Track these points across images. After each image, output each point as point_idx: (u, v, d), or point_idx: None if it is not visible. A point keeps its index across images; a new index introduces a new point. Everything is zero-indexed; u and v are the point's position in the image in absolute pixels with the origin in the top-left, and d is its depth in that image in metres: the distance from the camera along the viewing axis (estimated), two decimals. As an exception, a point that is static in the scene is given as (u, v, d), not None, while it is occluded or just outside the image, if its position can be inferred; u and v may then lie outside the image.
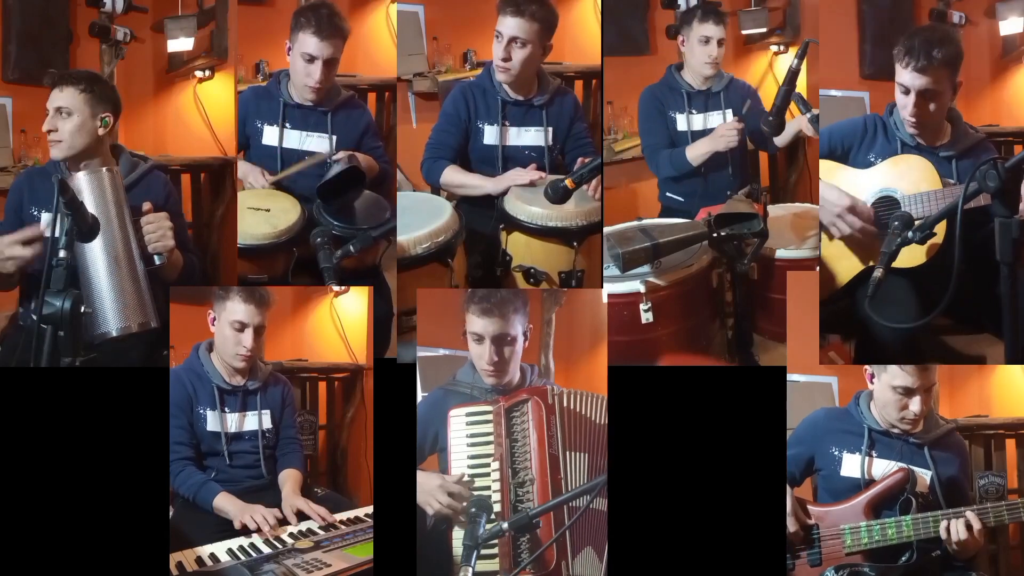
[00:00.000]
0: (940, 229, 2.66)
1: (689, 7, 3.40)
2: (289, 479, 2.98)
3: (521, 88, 3.26)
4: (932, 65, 2.76)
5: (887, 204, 2.85)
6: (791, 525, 2.72)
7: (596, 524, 2.70)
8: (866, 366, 2.78)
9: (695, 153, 3.28)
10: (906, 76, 2.80)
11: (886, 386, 2.73)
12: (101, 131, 2.84)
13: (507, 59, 3.17)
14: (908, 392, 2.70)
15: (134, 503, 2.80)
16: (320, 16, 3.11)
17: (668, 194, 3.35)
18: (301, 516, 2.86)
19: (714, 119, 3.34)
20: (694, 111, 3.34)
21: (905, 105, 2.84)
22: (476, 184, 3.23)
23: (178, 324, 2.86)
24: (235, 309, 2.90)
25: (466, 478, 2.67)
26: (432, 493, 2.66)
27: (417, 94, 3.72)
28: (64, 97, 2.80)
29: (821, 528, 2.73)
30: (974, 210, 2.49)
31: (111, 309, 2.68)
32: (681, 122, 3.34)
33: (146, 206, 2.79)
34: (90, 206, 2.63)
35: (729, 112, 3.34)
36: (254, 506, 2.80)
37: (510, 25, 3.14)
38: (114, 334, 2.67)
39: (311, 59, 3.12)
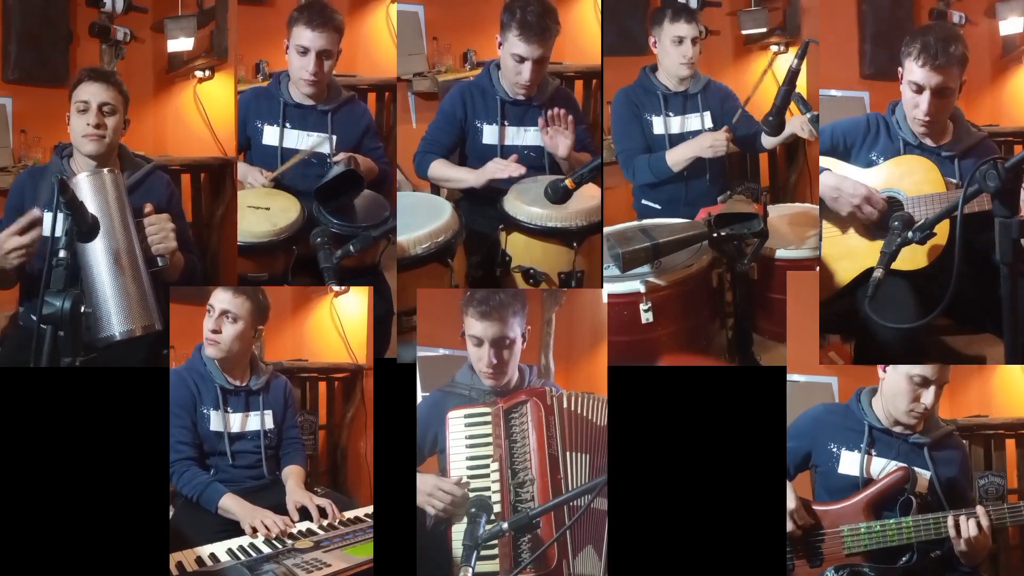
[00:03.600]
0: (943, 232, 2.65)
1: (661, 5, 3.36)
2: (292, 475, 2.99)
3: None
4: (949, 63, 2.76)
5: (890, 204, 2.84)
6: (798, 520, 2.71)
7: (596, 523, 2.70)
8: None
9: (676, 158, 3.23)
10: (920, 74, 2.78)
11: (902, 376, 2.71)
12: (123, 132, 2.89)
13: (534, 79, 3.18)
14: (925, 383, 2.69)
15: (134, 503, 2.80)
16: (313, 10, 3.14)
17: (644, 201, 3.31)
18: (303, 514, 2.86)
19: (692, 122, 3.29)
20: (671, 113, 3.30)
21: (918, 104, 2.82)
22: (460, 177, 3.23)
23: (178, 324, 2.86)
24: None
25: (464, 480, 2.67)
26: (430, 494, 2.66)
27: (417, 94, 3.73)
28: (110, 94, 2.82)
29: (821, 528, 2.72)
30: (976, 215, 2.49)
31: (115, 312, 2.67)
32: (658, 125, 3.29)
33: (147, 208, 2.79)
34: (92, 208, 2.63)
35: (707, 115, 3.29)
36: (263, 510, 2.80)
37: (536, 48, 3.14)
38: (118, 337, 2.67)
39: (304, 51, 3.14)
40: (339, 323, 3.50)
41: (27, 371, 2.54)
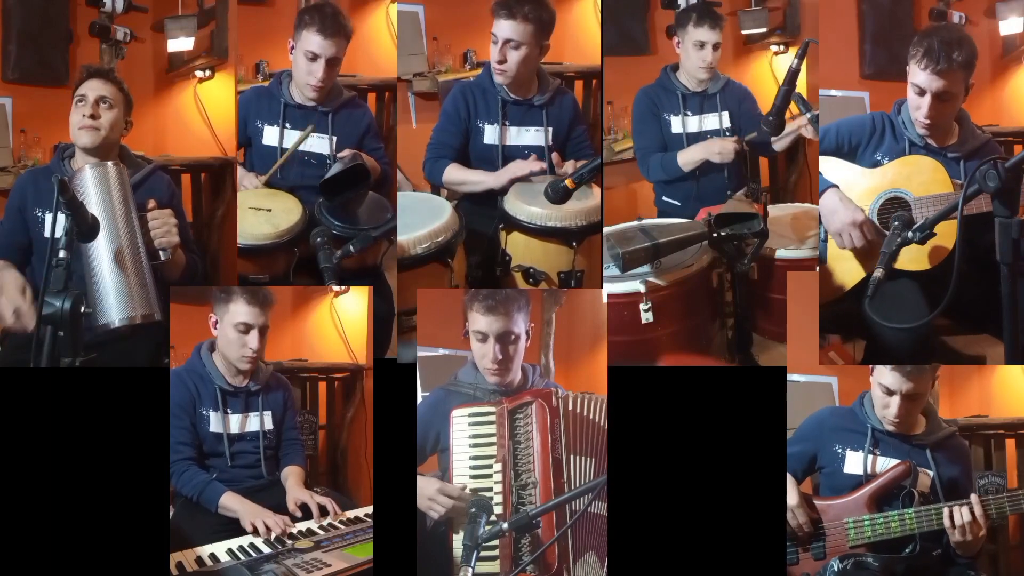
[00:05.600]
0: (948, 234, 2.65)
1: (687, 6, 3.38)
2: (292, 475, 2.99)
3: (520, 88, 3.26)
4: (951, 68, 2.75)
5: (896, 205, 2.84)
6: (800, 517, 2.72)
7: (597, 528, 2.70)
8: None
9: (687, 159, 3.27)
10: (922, 77, 2.78)
11: (875, 381, 2.75)
12: (124, 132, 2.90)
13: (502, 61, 3.17)
14: (888, 392, 2.71)
15: (134, 503, 2.80)
16: (325, 15, 3.12)
17: (664, 198, 3.34)
18: (304, 511, 2.87)
19: (710, 121, 3.32)
20: (689, 113, 3.32)
21: (919, 106, 2.82)
22: (478, 180, 3.23)
23: (178, 324, 2.86)
24: (238, 311, 2.90)
25: (467, 490, 2.67)
26: (432, 497, 2.66)
27: (417, 94, 3.72)
28: (109, 89, 2.85)
29: (824, 522, 2.73)
30: (978, 216, 2.49)
31: (115, 301, 2.67)
32: (676, 124, 3.32)
33: (151, 203, 2.80)
34: (96, 200, 2.65)
35: (726, 115, 3.33)
36: (264, 509, 2.80)
37: (504, 28, 3.14)
38: (116, 324, 2.66)
39: (314, 57, 3.13)
40: (339, 323, 3.50)
41: (27, 371, 2.54)
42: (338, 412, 3.51)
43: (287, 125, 3.21)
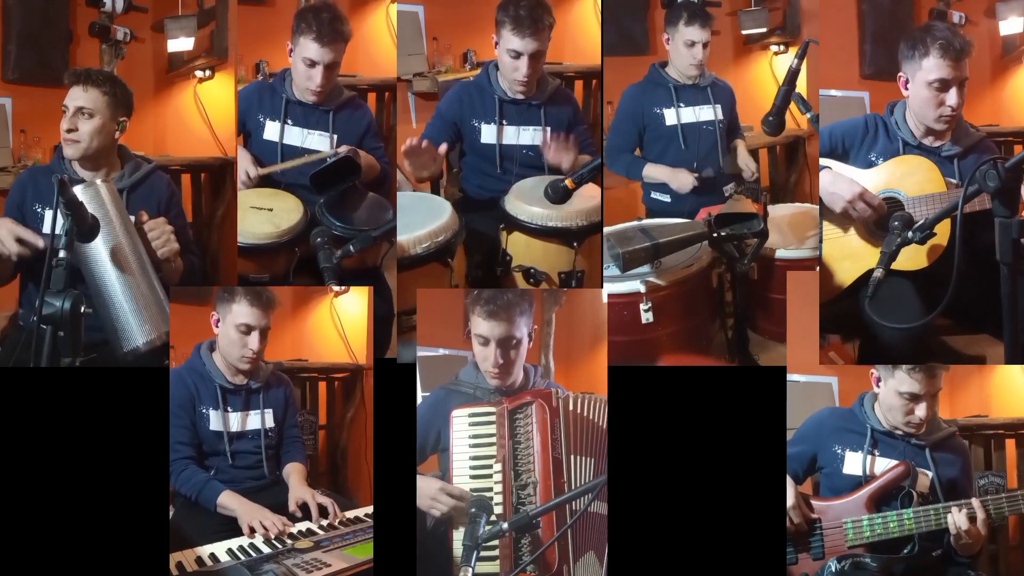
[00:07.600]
0: (944, 231, 2.65)
1: (676, 4, 3.39)
2: (294, 472, 2.99)
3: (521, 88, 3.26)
4: (965, 54, 2.78)
5: (891, 205, 2.85)
6: (795, 518, 2.72)
7: (597, 528, 2.70)
8: (871, 370, 2.79)
9: (650, 174, 3.31)
10: (946, 69, 2.78)
11: (892, 391, 2.74)
12: (117, 134, 2.88)
13: (531, 74, 3.18)
14: (915, 398, 2.71)
15: (134, 503, 2.80)
16: (321, 21, 3.11)
17: (653, 195, 3.35)
18: (306, 510, 2.87)
19: (705, 112, 3.34)
20: (682, 104, 3.34)
21: (943, 100, 2.82)
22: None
23: (178, 324, 2.86)
24: (241, 312, 2.90)
25: (469, 491, 2.67)
26: (434, 496, 2.65)
27: (417, 94, 3.72)
28: (88, 98, 2.81)
29: (823, 522, 2.73)
30: (978, 213, 2.49)
31: (136, 324, 2.67)
32: (670, 117, 3.33)
33: (143, 216, 2.79)
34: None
35: (719, 108, 3.34)
36: (262, 508, 2.80)
37: (530, 44, 3.13)
38: (143, 349, 2.68)
39: (312, 64, 3.13)
40: (339, 323, 3.50)
41: (27, 371, 2.54)
42: (338, 412, 3.51)
43: (289, 121, 3.21)
